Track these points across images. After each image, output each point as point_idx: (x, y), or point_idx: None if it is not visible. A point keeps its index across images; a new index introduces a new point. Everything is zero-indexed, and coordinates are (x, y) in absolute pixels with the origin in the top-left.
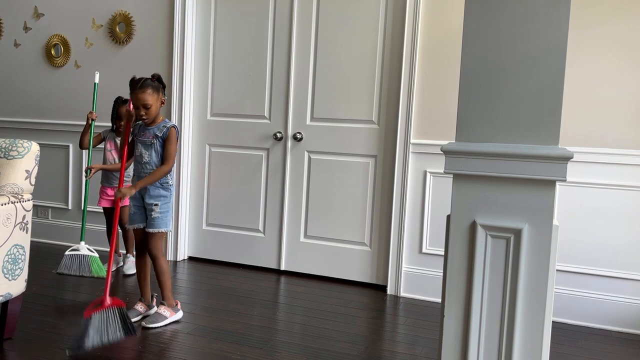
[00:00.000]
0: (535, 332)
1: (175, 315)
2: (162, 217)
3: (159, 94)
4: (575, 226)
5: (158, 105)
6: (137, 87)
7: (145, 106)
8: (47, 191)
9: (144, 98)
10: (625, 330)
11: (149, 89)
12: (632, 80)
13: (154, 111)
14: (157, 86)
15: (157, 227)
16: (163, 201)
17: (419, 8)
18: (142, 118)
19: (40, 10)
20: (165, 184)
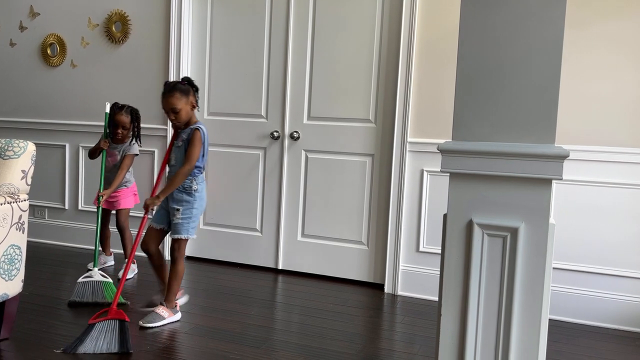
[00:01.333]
0: (532, 330)
1: (173, 316)
2: (184, 223)
3: (188, 97)
4: (572, 224)
5: (188, 108)
6: (166, 92)
7: (173, 110)
8: (44, 191)
9: (172, 102)
10: (621, 328)
11: (177, 93)
12: (630, 78)
13: (183, 115)
14: (186, 89)
15: (177, 232)
16: (185, 207)
17: (415, 7)
18: (173, 122)
19: (36, 10)
20: (188, 188)
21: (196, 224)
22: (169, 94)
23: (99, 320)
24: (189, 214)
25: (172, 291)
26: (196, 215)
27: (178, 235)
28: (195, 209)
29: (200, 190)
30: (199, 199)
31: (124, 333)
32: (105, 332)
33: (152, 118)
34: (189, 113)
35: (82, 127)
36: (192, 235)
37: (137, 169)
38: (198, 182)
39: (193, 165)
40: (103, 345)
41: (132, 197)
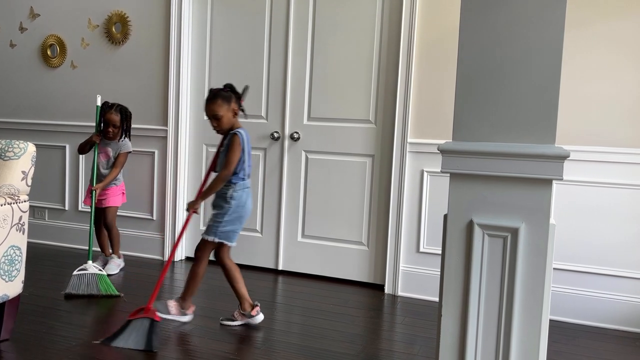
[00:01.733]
0: (533, 330)
1: (179, 316)
2: (214, 226)
3: (229, 103)
4: (572, 225)
5: (230, 115)
6: (208, 98)
7: (215, 117)
8: (44, 192)
9: (213, 109)
10: (621, 328)
11: (219, 100)
12: (629, 79)
13: (225, 122)
14: (227, 96)
15: (206, 232)
16: (219, 211)
17: (415, 7)
18: (215, 129)
19: (36, 11)
20: (223, 195)
21: (228, 229)
22: (211, 101)
23: (135, 317)
24: (220, 219)
25: (187, 289)
26: (228, 221)
27: (205, 236)
28: (228, 215)
29: (238, 197)
30: (235, 206)
31: (151, 332)
32: (137, 329)
33: (152, 119)
34: (230, 120)
35: (82, 128)
36: (222, 239)
37: (136, 170)
38: (235, 190)
39: (230, 171)
40: (132, 341)
41: (120, 196)
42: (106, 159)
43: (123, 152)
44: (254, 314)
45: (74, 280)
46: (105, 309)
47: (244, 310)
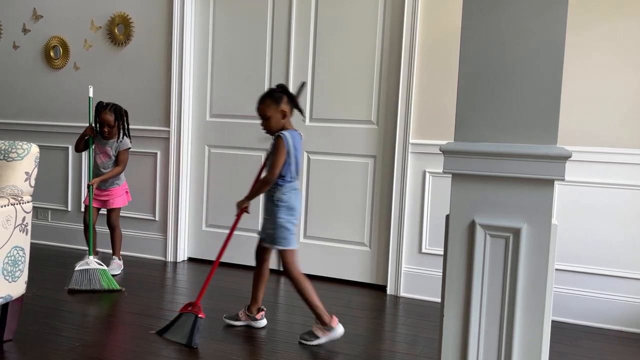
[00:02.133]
0: (535, 331)
1: (330, 334)
2: (272, 233)
3: (279, 105)
4: (574, 225)
5: (278, 116)
6: (259, 98)
7: (263, 117)
8: (47, 193)
9: (262, 109)
10: (624, 329)
11: (268, 100)
12: (630, 79)
13: (273, 123)
14: (278, 97)
15: (269, 242)
16: (271, 216)
17: (417, 8)
18: (263, 129)
19: (39, 12)
20: (271, 198)
21: (286, 234)
22: (261, 101)
23: (185, 311)
24: (274, 224)
25: (313, 308)
26: (283, 225)
27: (270, 245)
28: (281, 219)
29: (287, 200)
30: (286, 208)
31: (193, 328)
32: (183, 323)
33: (154, 120)
34: (279, 121)
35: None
36: (284, 245)
37: (139, 171)
38: (283, 192)
39: (275, 175)
40: (177, 335)
41: (124, 196)
42: (107, 159)
43: (124, 149)
44: (258, 318)
45: (76, 275)
46: (107, 309)
47: (250, 312)
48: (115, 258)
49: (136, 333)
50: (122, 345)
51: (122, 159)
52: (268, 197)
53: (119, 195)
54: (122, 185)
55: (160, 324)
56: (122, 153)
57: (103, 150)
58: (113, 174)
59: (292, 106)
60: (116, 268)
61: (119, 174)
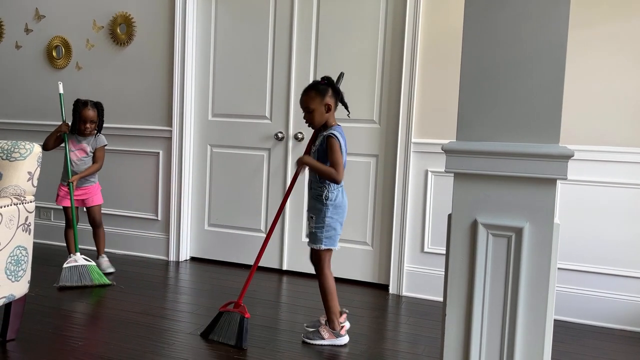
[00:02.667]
0: (537, 330)
1: (335, 339)
2: (317, 232)
3: (324, 97)
4: (577, 224)
5: (322, 110)
6: (304, 90)
7: (306, 110)
8: (50, 192)
9: (305, 101)
10: (628, 328)
11: (312, 92)
12: (633, 78)
13: (317, 116)
14: (323, 90)
15: (311, 241)
16: (318, 215)
17: (419, 7)
18: (306, 122)
19: (42, 12)
20: (319, 196)
21: (332, 233)
22: (304, 93)
23: (227, 310)
24: (321, 223)
25: (328, 310)
26: (331, 224)
27: (312, 245)
28: (329, 218)
29: (334, 198)
30: (333, 207)
31: (241, 328)
32: (228, 323)
33: (156, 119)
34: (323, 115)
35: None
36: (328, 245)
37: (141, 170)
38: (331, 190)
39: (341, 173)
40: (224, 336)
41: (100, 194)
42: (84, 155)
43: (100, 146)
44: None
45: (65, 272)
46: (110, 308)
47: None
48: (103, 256)
49: (139, 332)
50: (125, 344)
51: (100, 156)
52: (314, 196)
53: (96, 193)
54: (97, 183)
55: (164, 323)
56: (99, 150)
57: (79, 146)
58: (92, 171)
59: (337, 100)
60: (109, 265)
61: (97, 171)
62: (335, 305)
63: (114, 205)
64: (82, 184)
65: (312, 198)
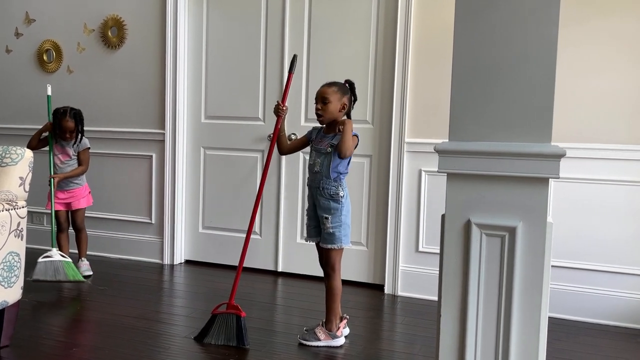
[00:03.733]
0: (532, 328)
1: (331, 340)
2: (336, 231)
3: (343, 96)
4: (570, 222)
5: (338, 106)
6: (326, 83)
7: (323, 100)
8: (42, 197)
9: (325, 91)
10: (623, 325)
11: (335, 87)
12: (625, 76)
13: (331, 109)
14: (345, 89)
15: (329, 242)
16: (334, 214)
17: (410, 6)
18: (317, 112)
19: (32, 16)
20: (335, 195)
21: (347, 231)
22: (327, 85)
23: (220, 312)
24: (339, 222)
25: (330, 311)
26: (346, 222)
27: (332, 245)
28: (344, 216)
29: (346, 195)
30: (347, 204)
31: (240, 328)
32: (225, 325)
33: (149, 123)
34: (336, 111)
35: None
36: (346, 243)
37: (134, 173)
38: (343, 188)
39: (351, 151)
40: (223, 338)
41: (87, 197)
42: (67, 159)
43: (83, 149)
44: (342, 326)
45: (40, 266)
46: (104, 313)
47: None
48: (83, 259)
49: (134, 337)
50: (120, 349)
51: (84, 158)
52: (327, 195)
53: (82, 196)
54: (84, 187)
55: (159, 327)
56: (83, 153)
57: (62, 150)
58: (77, 172)
59: (351, 105)
60: (87, 269)
61: (83, 173)
62: (339, 308)
63: (107, 209)
64: (67, 186)
65: (325, 198)
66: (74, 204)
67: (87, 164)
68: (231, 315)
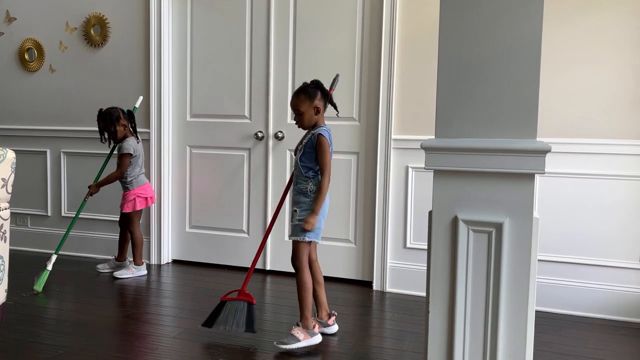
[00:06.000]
0: (519, 322)
1: (310, 338)
2: (301, 224)
3: (313, 100)
4: (555, 216)
5: (312, 112)
6: (294, 93)
7: (297, 112)
8: (26, 198)
9: (295, 104)
10: (608, 317)
11: (302, 95)
12: (608, 71)
13: (306, 118)
14: (312, 93)
15: (293, 234)
16: (302, 207)
17: (395, 4)
18: (296, 123)
19: (12, 14)
20: (304, 189)
21: (317, 226)
22: (295, 96)
23: (229, 299)
24: (305, 215)
25: (302, 305)
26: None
27: (295, 237)
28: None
29: (317, 191)
30: None
31: (250, 315)
32: (235, 311)
33: None
34: (312, 117)
35: (63, 132)
36: (311, 238)
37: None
38: (315, 184)
39: (329, 172)
40: (233, 325)
41: (133, 202)
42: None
43: (121, 153)
44: (330, 323)
45: None
46: (91, 315)
47: (321, 318)
48: (130, 264)
49: (121, 338)
50: (107, 352)
51: (120, 162)
52: (298, 190)
53: (128, 201)
54: (132, 190)
55: (146, 328)
56: (120, 157)
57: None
58: (111, 178)
59: (325, 102)
60: (125, 272)
61: (116, 178)
62: (310, 302)
63: (93, 209)
64: (122, 189)
65: (298, 193)
66: (122, 208)
67: (121, 169)
68: (242, 302)
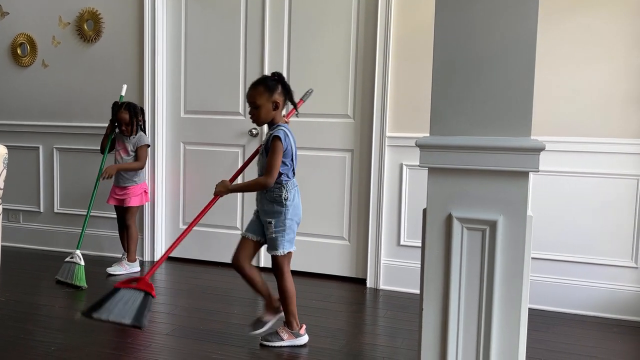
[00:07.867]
0: (512, 320)
1: (294, 339)
2: (278, 237)
3: (272, 94)
4: (549, 214)
5: (270, 107)
6: (251, 84)
7: (253, 105)
8: (18, 194)
9: (252, 95)
10: (600, 315)
11: (261, 87)
12: (600, 70)
13: (263, 113)
14: (272, 86)
15: (273, 248)
16: (277, 218)
17: (391, 2)
18: (251, 118)
19: (5, 9)
20: (278, 198)
21: (292, 236)
22: (252, 87)
23: (124, 287)
24: (282, 226)
25: (288, 313)
26: (290, 226)
27: (274, 252)
28: (289, 220)
29: (292, 198)
30: (292, 207)
31: (143, 307)
32: (127, 300)
33: None
34: (270, 112)
35: (56, 128)
36: (290, 249)
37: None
38: (288, 190)
39: (273, 178)
40: (117, 314)
41: (141, 196)
42: (126, 155)
43: (141, 145)
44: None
45: (62, 266)
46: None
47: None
48: (124, 260)
49: (114, 335)
50: (100, 348)
51: (141, 154)
52: (270, 198)
53: (135, 195)
54: (139, 185)
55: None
56: (140, 149)
57: (123, 146)
58: (133, 167)
59: (285, 98)
60: (118, 268)
61: (138, 168)
62: (294, 309)
63: (86, 205)
64: (123, 183)
65: (269, 201)
66: (127, 201)
67: (143, 161)
68: (139, 292)
